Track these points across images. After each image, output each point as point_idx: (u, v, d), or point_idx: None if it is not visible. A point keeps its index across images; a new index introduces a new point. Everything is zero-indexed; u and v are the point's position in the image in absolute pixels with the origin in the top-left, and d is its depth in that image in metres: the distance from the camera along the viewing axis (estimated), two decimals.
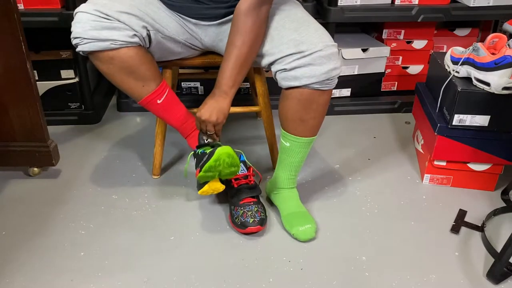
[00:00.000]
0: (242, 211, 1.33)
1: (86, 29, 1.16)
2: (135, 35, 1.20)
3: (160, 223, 1.37)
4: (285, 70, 1.20)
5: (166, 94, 1.33)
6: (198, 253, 1.27)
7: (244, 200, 1.35)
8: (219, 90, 1.24)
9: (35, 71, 1.76)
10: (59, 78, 1.84)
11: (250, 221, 1.30)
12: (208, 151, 1.25)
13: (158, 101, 1.31)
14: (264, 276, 1.20)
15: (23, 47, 1.32)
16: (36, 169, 1.56)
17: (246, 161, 1.42)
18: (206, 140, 1.31)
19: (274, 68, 1.24)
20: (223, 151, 1.20)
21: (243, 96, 2.05)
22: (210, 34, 1.36)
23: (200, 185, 1.28)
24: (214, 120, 1.25)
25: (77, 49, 1.20)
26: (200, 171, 1.23)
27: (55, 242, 1.30)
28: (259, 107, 1.54)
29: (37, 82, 1.41)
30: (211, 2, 1.29)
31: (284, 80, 1.22)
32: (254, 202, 1.35)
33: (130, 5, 1.22)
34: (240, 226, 1.31)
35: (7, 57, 1.33)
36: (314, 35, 1.19)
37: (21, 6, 1.69)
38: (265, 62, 1.25)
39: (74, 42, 1.20)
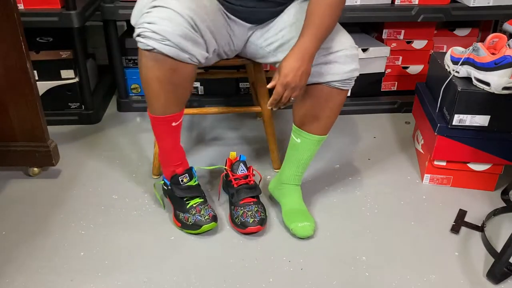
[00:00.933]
0: (242, 211, 1.33)
1: (176, 33, 1.07)
2: (206, 57, 1.17)
3: (160, 223, 1.37)
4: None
5: (181, 120, 1.28)
6: (198, 253, 1.27)
7: (244, 200, 1.35)
8: (303, 52, 1.13)
9: (35, 71, 1.76)
10: (59, 78, 1.84)
11: (250, 221, 1.30)
12: (194, 204, 1.31)
13: (173, 124, 1.26)
14: (264, 276, 1.20)
15: (23, 47, 1.32)
16: (36, 169, 1.56)
17: (246, 161, 1.42)
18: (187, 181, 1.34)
19: None
20: (208, 228, 1.29)
21: (243, 96, 2.05)
22: (252, 38, 1.33)
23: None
24: (302, 84, 1.15)
25: (144, 42, 1.09)
26: (181, 226, 1.33)
27: (55, 242, 1.30)
28: (259, 107, 1.54)
29: (37, 82, 1.41)
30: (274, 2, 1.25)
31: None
32: (254, 202, 1.35)
33: (210, 19, 1.16)
34: (240, 226, 1.31)
35: (7, 57, 1.33)
36: (340, 34, 1.22)
37: (21, 6, 1.69)
38: None
39: (150, 35, 1.08)
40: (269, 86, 1.16)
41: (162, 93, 1.17)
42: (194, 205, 1.32)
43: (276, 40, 1.29)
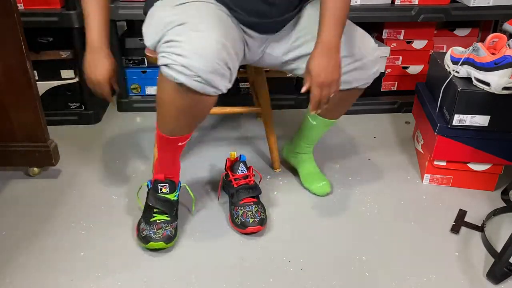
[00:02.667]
0: (242, 211, 1.33)
1: (208, 70, 1.01)
2: (228, 88, 1.11)
3: None
4: None
5: (188, 139, 1.25)
6: (198, 253, 1.27)
7: (244, 200, 1.35)
8: (329, 46, 1.10)
9: (35, 71, 1.76)
10: (59, 78, 1.84)
11: (250, 221, 1.30)
12: (158, 220, 1.27)
13: (180, 144, 1.24)
14: (264, 276, 1.20)
15: (23, 47, 1.32)
16: (36, 169, 1.56)
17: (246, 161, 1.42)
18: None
19: None
20: (155, 246, 1.24)
21: (243, 96, 2.05)
22: (268, 49, 1.31)
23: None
24: (336, 78, 1.11)
25: (172, 75, 1.02)
26: (136, 234, 1.30)
27: (55, 242, 1.30)
28: (259, 107, 1.54)
29: (37, 82, 1.41)
30: (280, 12, 1.22)
31: None
32: (254, 202, 1.35)
33: (235, 41, 1.11)
34: (240, 226, 1.31)
35: (7, 57, 1.33)
36: (362, 38, 1.25)
37: (21, 6, 1.69)
38: None
39: (180, 69, 1.01)
40: (303, 90, 1.13)
41: (178, 119, 1.13)
42: (157, 221, 1.27)
43: (294, 48, 1.28)
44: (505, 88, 1.33)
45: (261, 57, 1.33)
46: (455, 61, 1.47)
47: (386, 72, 2.03)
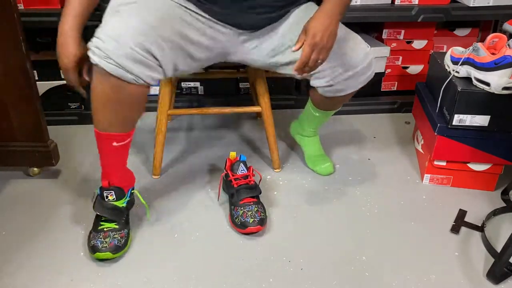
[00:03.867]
0: (242, 211, 1.33)
1: (119, 54, 1.04)
2: (159, 79, 1.13)
3: (160, 223, 1.37)
4: (330, 85, 1.29)
5: (127, 141, 1.22)
6: (198, 253, 1.27)
7: (244, 200, 1.35)
8: (331, 12, 1.11)
9: (35, 71, 1.76)
10: (59, 78, 1.84)
11: (250, 221, 1.30)
12: (106, 228, 1.23)
13: (115, 144, 1.19)
14: (264, 276, 1.20)
15: (23, 47, 1.32)
16: (36, 169, 1.56)
17: (246, 161, 1.42)
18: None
19: (315, 83, 1.31)
20: (102, 257, 1.20)
21: (243, 96, 2.05)
22: (244, 46, 1.30)
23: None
24: (329, 45, 1.12)
25: (91, 56, 1.07)
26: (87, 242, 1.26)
27: (55, 242, 1.30)
28: (260, 107, 1.54)
29: (37, 82, 1.41)
30: (262, 7, 1.22)
31: (328, 93, 1.33)
32: (254, 202, 1.35)
33: (171, 28, 1.12)
34: (240, 226, 1.31)
35: (7, 57, 1.33)
36: (354, 45, 1.26)
37: (21, 6, 1.69)
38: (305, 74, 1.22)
39: (96, 51, 1.06)
40: (294, 48, 1.13)
41: (105, 109, 1.13)
42: (105, 229, 1.24)
43: (284, 45, 1.27)
44: (505, 88, 1.33)
45: (245, 56, 1.33)
46: (455, 61, 1.47)
47: (386, 72, 2.03)
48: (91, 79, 1.12)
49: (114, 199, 1.26)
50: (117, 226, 1.26)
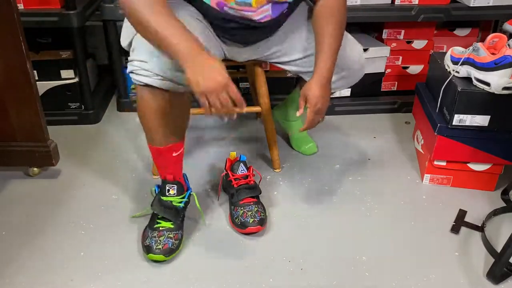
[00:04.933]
0: (242, 211, 1.33)
1: (167, 68, 1.08)
2: None
3: None
4: None
5: (182, 149, 1.28)
6: (198, 253, 1.27)
7: (244, 200, 1.35)
8: (325, 78, 1.22)
9: (35, 71, 1.76)
10: (59, 78, 1.84)
11: (250, 221, 1.30)
12: (161, 227, 1.24)
13: (174, 154, 1.25)
14: (264, 276, 1.20)
15: (23, 47, 1.32)
16: (36, 169, 1.56)
17: (246, 161, 1.42)
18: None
19: (309, 77, 1.31)
20: (154, 259, 1.22)
21: (243, 96, 2.04)
22: (244, 52, 1.37)
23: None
24: (327, 106, 1.26)
25: (137, 79, 1.11)
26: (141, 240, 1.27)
27: (55, 242, 1.30)
28: (259, 107, 1.54)
29: (37, 82, 1.41)
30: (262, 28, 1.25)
31: None
32: (254, 202, 1.35)
33: (203, 39, 1.11)
34: (240, 226, 1.31)
35: (7, 57, 1.33)
36: (348, 47, 1.31)
37: (21, 6, 1.69)
38: (298, 71, 1.40)
39: (142, 72, 1.09)
40: (298, 114, 1.24)
41: (160, 124, 1.18)
42: (160, 228, 1.24)
43: (282, 47, 1.37)
44: (505, 88, 1.33)
45: (244, 53, 1.38)
46: (455, 61, 1.47)
47: (386, 72, 2.03)
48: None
49: (175, 193, 1.27)
50: (172, 226, 1.25)
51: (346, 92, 2.05)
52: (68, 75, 1.84)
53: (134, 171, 1.61)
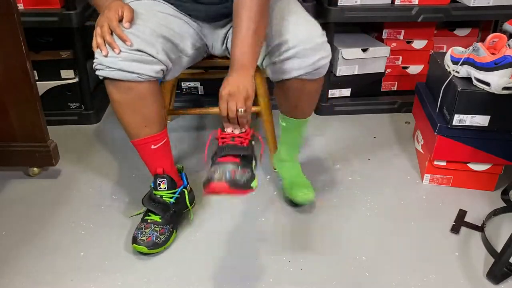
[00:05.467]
0: (214, 167, 1.04)
1: (117, 61, 1.11)
2: (161, 69, 1.17)
3: None
4: (274, 63, 1.23)
5: (163, 142, 1.27)
6: (198, 253, 1.27)
7: (223, 158, 1.05)
8: (238, 65, 1.10)
9: (35, 71, 1.76)
10: (59, 78, 1.84)
11: (216, 177, 0.98)
12: (150, 220, 1.27)
13: (152, 146, 1.25)
14: (264, 276, 1.20)
15: (23, 47, 1.32)
16: (36, 169, 1.56)
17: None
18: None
19: (264, 63, 1.27)
20: (137, 249, 1.23)
21: None
22: (219, 37, 1.35)
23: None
24: (244, 96, 1.05)
25: (100, 75, 1.15)
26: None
27: (55, 242, 1.30)
28: (259, 107, 1.54)
29: (37, 82, 1.41)
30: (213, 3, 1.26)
31: (275, 74, 1.26)
32: (235, 162, 1.04)
33: (159, 25, 1.18)
34: (204, 184, 1.01)
35: (7, 57, 1.33)
36: (296, 26, 1.20)
37: (21, 6, 1.69)
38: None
39: (99, 67, 1.14)
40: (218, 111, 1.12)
41: (127, 115, 1.20)
42: (148, 221, 1.27)
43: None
44: (505, 88, 1.33)
45: (213, 45, 1.37)
46: (455, 61, 1.47)
47: (386, 72, 2.03)
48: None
49: (165, 188, 1.27)
50: (160, 220, 1.27)
51: (346, 92, 2.05)
52: (68, 75, 1.84)
53: (134, 171, 1.61)
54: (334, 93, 2.04)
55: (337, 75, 1.97)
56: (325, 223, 1.38)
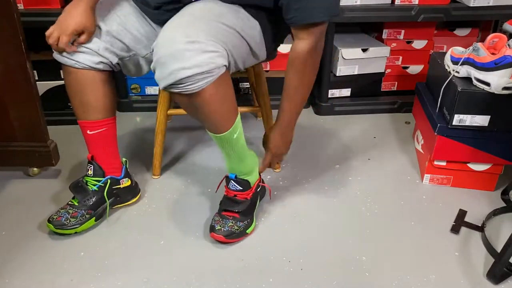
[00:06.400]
0: (218, 218, 1.31)
1: (59, 44, 1.18)
2: (101, 62, 1.22)
3: (160, 223, 1.37)
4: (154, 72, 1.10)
5: (101, 130, 1.30)
6: (198, 253, 1.27)
7: (224, 212, 1.32)
8: (287, 126, 1.30)
9: (35, 71, 1.76)
10: (59, 78, 1.84)
11: (217, 228, 1.28)
12: (70, 202, 1.33)
13: (88, 132, 1.30)
14: (264, 276, 1.20)
15: (23, 47, 1.32)
16: (36, 169, 1.56)
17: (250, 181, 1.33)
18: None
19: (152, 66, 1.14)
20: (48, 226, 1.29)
21: (243, 96, 2.05)
22: None
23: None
24: (285, 151, 1.37)
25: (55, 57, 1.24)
26: None
27: (55, 242, 1.30)
28: (260, 107, 1.54)
29: (37, 82, 1.41)
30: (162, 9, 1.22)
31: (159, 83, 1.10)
32: (234, 217, 1.30)
33: (113, 21, 1.23)
34: (210, 228, 1.30)
35: (7, 57, 1.33)
36: (166, 32, 1.04)
37: (21, 6, 1.69)
38: None
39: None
40: (260, 171, 1.38)
41: (71, 98, 1.28)
42: (69, 203, 1.33)
43: None
44: (505, 88, 1.33)
45: None
46: (455, 61, 1.47)
47: (386, 72, 2.03)
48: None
49: (92, 174, 1.33)
50: (76, 204, 1.32)
51: (346, 92, 2.05)
52: None
53: (134, 171, 1.61)
54: (334, 93, 2.04)
55: (337, 75, 1.97)
56: (325, 223, 1.38)
